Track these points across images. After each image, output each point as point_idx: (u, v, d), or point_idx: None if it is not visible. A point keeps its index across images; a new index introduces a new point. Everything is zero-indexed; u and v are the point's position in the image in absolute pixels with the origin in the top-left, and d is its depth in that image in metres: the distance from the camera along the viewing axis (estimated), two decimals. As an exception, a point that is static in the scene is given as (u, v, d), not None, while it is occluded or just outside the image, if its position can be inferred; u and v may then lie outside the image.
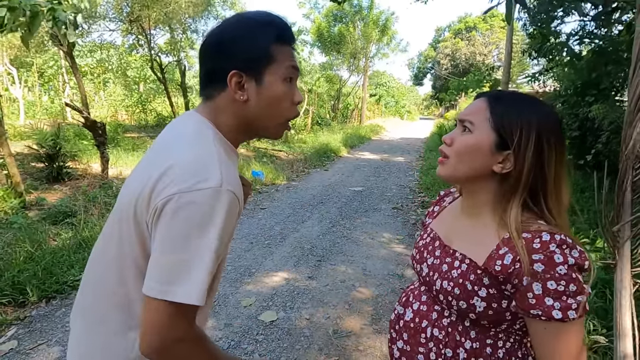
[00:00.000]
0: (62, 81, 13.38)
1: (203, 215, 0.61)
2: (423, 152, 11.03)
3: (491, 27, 35.31)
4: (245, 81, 0.71)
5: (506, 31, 8.76)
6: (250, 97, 0.72)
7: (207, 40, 0.75)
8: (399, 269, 3.23)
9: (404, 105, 35.74)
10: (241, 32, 0.72)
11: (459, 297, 0.73)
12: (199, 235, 0.61)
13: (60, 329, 2.32)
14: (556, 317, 0.64)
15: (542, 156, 0.71)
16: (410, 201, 5.47)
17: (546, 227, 0.69)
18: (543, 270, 0.65)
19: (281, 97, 0.74)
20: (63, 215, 4.02)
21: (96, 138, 5.23)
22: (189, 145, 0.68)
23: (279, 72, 0.73)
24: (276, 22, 0.74)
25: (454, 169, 0.76)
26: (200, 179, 0.61)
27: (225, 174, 0.64)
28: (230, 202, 0.63)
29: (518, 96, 0.77)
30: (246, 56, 0.71)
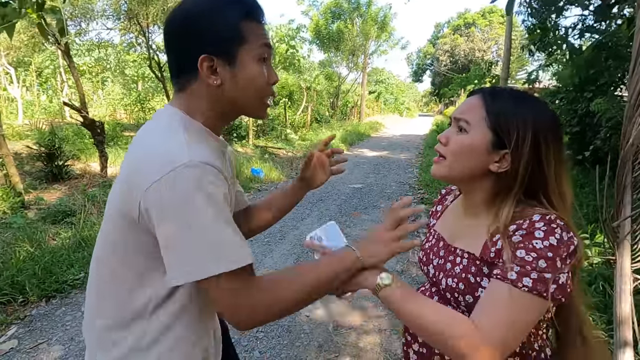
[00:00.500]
0: (61, 80, 13.34)
1: (185, 192, 0.59)
2: (422, 149, 11.02)
3: (490, 23, 35.23)
4: (217, 65, 0.68)
5: (505, 27, 8.74)
6: (224, 81, 0.69)
7: (170, 24, 0.70)
8: (398, 266, 3.23)
9: (403, 102, 35.71)
10: (206, 12, 0.67)
11: (464, 292, 0.73)
12: (194, 213, 0.59)
13: (60, 328, 2.32)
14: (509, 277, 0.63)
15: (539, 154, 0.70)
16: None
17: (541, 210, 0.69)
18: (519, 241, 0.65)
19: (256, 78, 0.71)
20: (62, 214, 4.02)
21: (95, 137, 5.22)
22: (154, 137, 0.69)
23: (252, 52, 0.69)
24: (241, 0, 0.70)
25: (450, 168, 0.75)
26: (167, 163, 0.60)
27: (192, 151, 0.62)
28: (206, 172, 0.61)
29: (513, 93, 0.76)
30: (215, 38, 0.67)
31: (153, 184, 0.60)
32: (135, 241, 0.67)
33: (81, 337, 2.25)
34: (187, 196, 0.59)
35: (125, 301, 0.71)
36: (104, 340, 0.74)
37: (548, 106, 0.76)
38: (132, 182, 0.64)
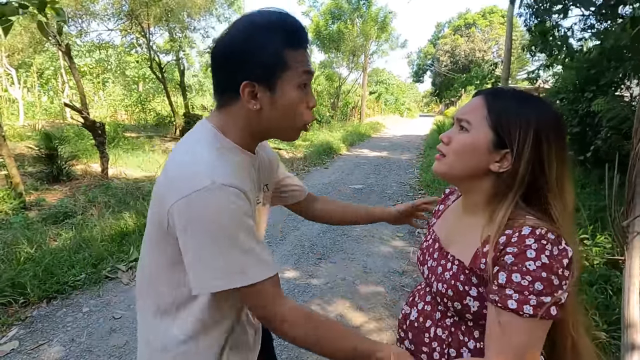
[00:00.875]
0: (62, 81, 13.37)
1: (204, 213, 0.64)
2: (423, 149, 11.01)
3: (490, 23, 35.21)
4: (258, 90, 0.70)
5: (505, 27, 8.73)
6: (263, 106, 0.71)
7: (216, 48, 0.73)
8: (399, 266, 3.23)
9: (404, 103, 35.68)
10: (250, 39, 0.69)
11: (452, 299, 0.74)
12: (215, 231, 0.65)
13: (61, 329, 2.32)
14: (510, 306, 0.63)
15: (541, 154, 0.69)
16: (411, 198, 5.46)
17: (531, 222, 0.67)
18: (512, 262, 0.64)
19: (295, 104, 0.73)
20: (63, 215, 4.03)
21: (95, 138, 5.23)
22: (185, 154, 0.73)
23: (293, 80, 0.71)
24: (287, 25, 0.71)
25: (450, 167, 0.75)
26: (191, 184, 0.65)
27: (218, 172, 0.66)
28: (227, 194, 0.65)
29: (516, 93, 0.75)
30: (258, 65, 0.69)
31: (178, 200, 0.65)
32: (166, 246, 0.72)
33: (82, 338, 2.25)
34: (206, 216, 0.64)
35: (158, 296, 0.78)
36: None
37: (552, 106, 0.75)
38: (164, 193, 0.70)
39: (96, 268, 2.98)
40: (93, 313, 2.50)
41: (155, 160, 7.11)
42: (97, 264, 3.03)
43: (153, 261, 0.78)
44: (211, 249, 0.65)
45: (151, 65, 10.05)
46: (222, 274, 0.66)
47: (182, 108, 12.10)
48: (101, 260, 3.08)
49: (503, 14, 30.52)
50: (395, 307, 2.60)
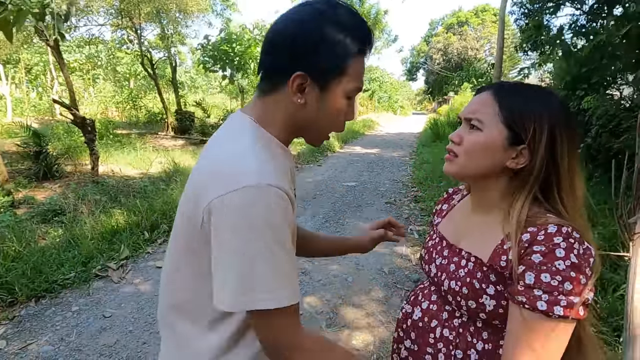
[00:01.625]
0: (51, 77, 13.16)
1: (246, 215, 0.57)
2: (416, 147, 11.06)
3: (483, 21, 35.42)
4: (308, 85, 0.65)
5: (498, 25, 8.79)
6: (308, 103, 0.66)
7: (278, 28, 0.66)
8: (391, 263, 3.24)
9: (397, 100, 35.80)
10: (322, 30, 0.63)
11: (467, 297, 0.71)
12: (253, 238, 0.57)
13: (50, 328, 2.29)
14: (540, 308, 0.60)
15: (554, 148, 0.68)
16: (404, 195, 5.48)
17: (555, 220, 0.66)
18: (540, 262, 0.62)
19: (338, 111, 0.69)
20: (52, 213, 3.97)
21: (85, 135, 5.16)
22: (225, 147, 0.66)
23: (345, 88, 0.67)
24: (362, 29, 0.66)
25: (463, 167, 0.73)
26: (234, 179, 0.58)
27: (262, 170, 0.59)
28: (271, 196, 0.58)
29: (524, 87, 0.74)
30: (321, 60, 0.63)
31: (218, 197, 0.58)
32: (199, 245, 0.64)
33: (71, 337, 2.22)
34: (247, 220, 0.57)
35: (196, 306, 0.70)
36: None
37: (560, 98, 0.74)
38: (199, 190, 0.63)
39: (86, 266, 2.95)
40: (83, 312, 2.47)
41: (147, 158, 7.03)
42: (87, 262, 2.99)
43: (188, 270, 0.69)
44: (247, 258, 0.57)
45: (142, 62, 9.94)
46: (268, 288, 0.57)
47: (174, 105, 11.98)
48: (91, 259, 3.04)
49: (495, 12, 30.72)
50: (387, 304, 2.61)
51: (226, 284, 0.59)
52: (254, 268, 0.57)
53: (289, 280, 0.59)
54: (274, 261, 0.58)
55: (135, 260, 3.21)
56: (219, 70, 11.07)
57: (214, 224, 0.59)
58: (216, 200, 0.58)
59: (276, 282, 0.58)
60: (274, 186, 0.58)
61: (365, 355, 0.67)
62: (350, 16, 0.66)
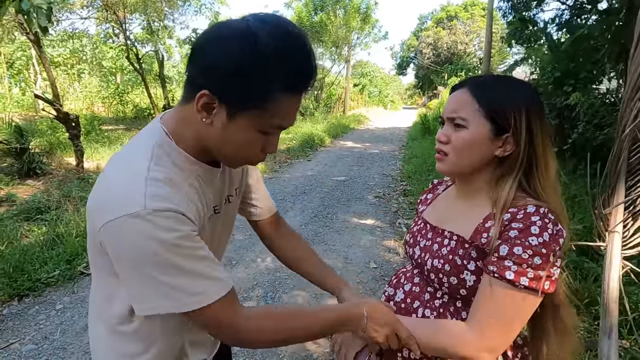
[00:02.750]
0: (34, 72, 12.84)
1: (133, 240, 0.58)
2: (406, 141, 11.11)
3: (472, 16, 35.56)
4: (217, 107, 0.59)
5: (486, 19, 8.83)
6: (214, 125, 0.61)
7: (201, 39, 0.61)
8: (379, 257, 3.26)
9: (388, 95, 35.86)
10: (240, 57, 0.56)
11: (449, 273, 0.75)
12: (145, 263, 0.58)
13: (33, 327, 2.25)
14: (507, 277, 0.65)
15: (532, 132, 0.73)
16: (393, 189, 5.51)
17: (533, 201, 0.71)
18: (515, 236, 0.67)
19: (246, 145, 0.64)
20: (36, 211, 3.89)
21: (69, 131, 5.06)
22: (120, 167, 0.65)
23: (258, 123, 0.60)
24: (295, 64, 0.58)
25: (455, 164, 0.77)
26: (120, 206, 0.58)
27: (150, 196, 0.58)
28: (160, 219, 0.57)
29: (494, 79, 0.78)
30: (231, 88, 0.57)
31: (106, 223, 0.59)
32: (103, 261, 0.67)
33: (55, 335, 2.19)
34: (135, 244, 0.58)
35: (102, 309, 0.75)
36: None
37: (529, 83, 0.80)
38: (94, 209, 0.63)
39: (71, 264, 2.90)
40: (67, 310, 2.43)
41: (134, 154, 6.93)
42: (71, 260, 2.94)
43: (96, 271, 0.74)
44: (144, 275, 0.59)
45: (128, 56, 9.76)
46: (158, 300, 0.61)
47: (162, 100, 11.81)
48: (76, 256, 3.00)
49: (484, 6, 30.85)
50: (376, 296, 2.63)
51: (135, 296, 0.63)
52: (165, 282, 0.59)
53: (201, 281, 0.61)
54: (182, 272, 0.60)
55: (121, 257, 3.17)
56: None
57: (109, 248, 0.61)
58: (105, 226, 0.59)
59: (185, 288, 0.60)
60: (158, 210, 0.57)
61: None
62: (282, 46, 0.56)
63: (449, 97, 0.81)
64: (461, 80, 0.81)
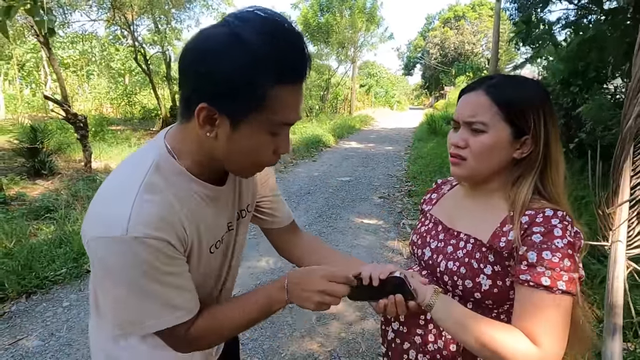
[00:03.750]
0: (44, 74, 13.04)
1: (109, 262, 0.59)
2: (412, 142, 11.07)
3: (480, 16, 35.31)
4: (219, 117, 0.57)
5: (493, 19, 8.78)
6: (219, 137, 0.59)
7: (183, 56, 0.58)
8: (383, 257, 3.26)
9: (394, 96, 35.72)
10: (229, 60, 0.53)
11: (465, 276, 0.74)
12: (119, 283, 0.61)
13: (40, 324, 2.30)
14: (544, 283, 0.64)
15: (548, 133, 0.72)
16: (397, 190, 5.50)
17: (549, 205, 0.71)
18: (541, 241, 0.66)
19: (257, 149, 0.61)
20: (45, 210, 3.95)
21: (78, 131, 5.13)
22: (114, 182, 0.65)
23: (267, 123, 0.58)
24: (283, 54, 0.55)
25: (475, 170, 0.75)
26: (107, 226, 0.58)
27: (136, 219, 0.57)
28: (140, 248, 0.58)
29: (511, 80, 0.77)
30: (227, 94, 0.55)
31: (90, 240, 0.60)
32: None
33: (61, 332, 2.23)
34: (111, 266, 0.60)
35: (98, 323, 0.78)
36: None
37: (539, 83, 0.79)
38: (85, 219, 0.63)
39: (77, 262, 2.95)
40: (74, 307, 2.47)
41: (141, 154, 7.01)
42: (78, 258, 2.99)
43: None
44: (122, 296, 0.62)
45: (136, 57, 9.87)
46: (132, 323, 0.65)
47: (169, 101, 11.93)
48: (83, 255, 3.04)
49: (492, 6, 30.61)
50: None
51: (115, 316, 0.66)
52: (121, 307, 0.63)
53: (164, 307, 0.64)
54: (148, 296, 0.62)
55: (127, 256, 3.22)
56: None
57: (91, 261, 0.65)
58: (89, 241, 0.60)
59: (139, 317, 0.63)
60: (139, 237, 0.58)
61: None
62: (267, 39, 0.54)
63: (461, 100, 0.78)
64: (472, 82, 0.79)
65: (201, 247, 0.69)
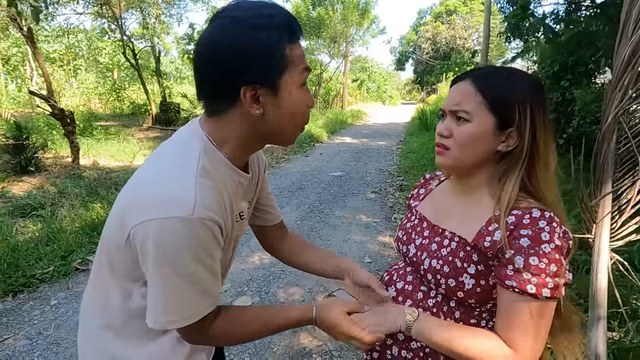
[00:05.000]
0: (30, 68, 12.75)
1: (171, 244, 0.60)
2: (403, 136, 11.10)
3: (471, 10, 35.40)
4: (260, 93, 0.65)
5: (484, 13, 8.79)
6: (266, 110, 0.66)
7: (204, 50, 0.65)
8: (374, 251, 3.27)
9: (386, 90, 35.74)
10: (245, 38, 0.62)
11: (448, 275, 0.73)
12: (175, 267, 0.61)
13: (27, 323, 2.26)
14: (530, 291, 0.64)
15: (535, 126, 0.70)
16: (389, 185, 5.52)
17: (536, 204, 0.69)
18: (528, 245, 0.65)
19: (299, 104, 0.69)
20: (31, 207, 3.88)
21: (64, 127, 5.04)
22: (163, 166, 0.67)
23: (294, 78, 0.67)
24: (281, 18, 0.65)
25: (458, 160, 0.74)
26: (165, 206, 0.60)
27: (200, 201, 0.61)
28: (202, 229, 0.61)
29: (499, 71, 0.76)
30: (258, 67, 0.63)
31: (146, 221, 0.60)
32: (124, 255, 0.68)
33: (49, 331, 2.20)
34: (172, 248, 0.60)
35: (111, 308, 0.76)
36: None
37: (530, 74, 0.77)
38: (130, 207, 0.65)
39: (66, 260, 2.91)
40: (61, 305, 2.44)
41: (130, 150, 6.92)
42: (66, 256, 2.95)
43: (108, 271, 0.73)
44: (176, 282, 0.63)
45: (124, 52, 9.70)
46: (179, 312, 0.65)
47: (159, 96, 11.76)
48: (71, 252, 3.00)
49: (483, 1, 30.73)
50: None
51: (150, 305, 0.66)
52: (172, 295, 0.64)
53: (208, 296, 0.67)
54: (191, 288, 0.64)
55: (116, 253, 3.18)
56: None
57: (141, 248, 0.62)
58: (146, 223, 0.60)
59: (185, 306, 0.65)
60: (204, 218, 0.61)
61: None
62: (261, 11, 0.64)
63: (450, 90, 0.78)
64: (463, 72, 0.79)
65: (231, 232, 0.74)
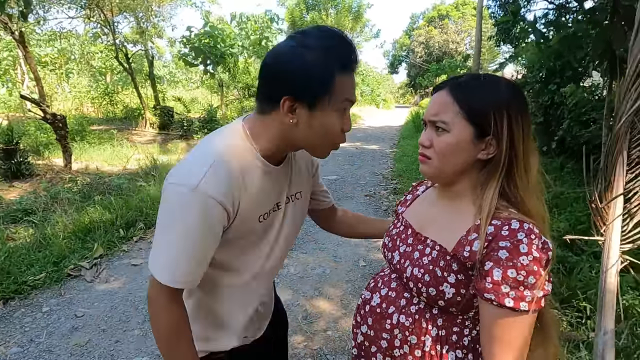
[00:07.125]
0: (21, 72, 12.63)
1: (173, 209, 0.71)
2: (397, 140, 11.15)
3: (463, 15, 35.80)
4: (298, 106, 0.72)
5: (476, 18, 8.91)
6: (300, 122, 0.74)
7: (269, 58, 0.75)
8: (368, 255, 3.28)
9: (380, 94, 35.88)
10: (303, 58, 0.70)
11: (428, 284, 0.73)
12: (170, 228, 0.72)
13: (18, 330, 2.23)
14: (507, 304, 0.64)
15: (512, 132, 0.70)
16: (383, 188, 5.54)
17: (516, 215, 0.69)
18: (506, 257, 0.65)
19: (331, 127, 0.75)
20: (22, 213, 3.85)
21: (56, 131, 5.00)
22: (198, 148, 0.78)
23: (334, 105, 0.73)
24: (339, 48, 0.72)
25: (439, 169, 0.75)
26: (182, 177, 0.71)
27: (209, 179, 0.70)
28: (202, 204, 0.69)
29: (475, 79, 0.75)
30: (304, 84, 0.71)
31: (167, 183, 0.72)
32: None
33: (41, 338, 2.18)
34: (175, 210, 0.71)
35: None
36: None
37: (510, 81, 0.76)
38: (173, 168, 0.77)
39: (58, 266, 2.88)
40: (54, 312, 2.41)
41: (123, 154, 6.87)
42: (58, 262, 2.92)
43: None
44: (168, 238, 0.72)
45: (117, 56, 9.65)
46: (154, 263, 0.74)
47: (152, 100, 11.71)
48: (63, 258, 2.97)
49: (475, 5, 31.08)
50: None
51: (152, 249, 0.75)
52: (163, 249, 0.73)
53: (181, 268, 0.73)
54: (175, 253, 0.72)
55: (110, 258, 3.16)
56: (200, 64, 10.86)
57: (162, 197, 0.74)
58: (166, 183, 0.72)
59: (168, 266, 0.72)
60: (209, 196, 0.70)
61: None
62: (326, 40, 0.72)
63: (430, 99, 0.78)
64: (442, 81, 0.79)
65: (252, 212, 0.80)
